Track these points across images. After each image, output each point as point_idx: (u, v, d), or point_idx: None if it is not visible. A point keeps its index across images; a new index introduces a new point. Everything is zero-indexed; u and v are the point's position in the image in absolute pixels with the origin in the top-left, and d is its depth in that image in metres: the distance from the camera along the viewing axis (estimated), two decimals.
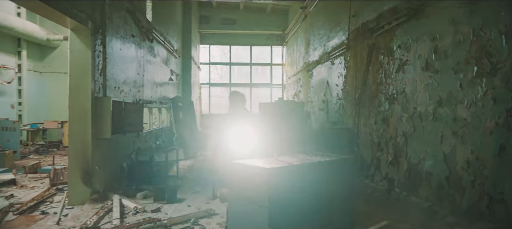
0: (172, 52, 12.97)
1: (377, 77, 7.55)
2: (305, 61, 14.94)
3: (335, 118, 10.54)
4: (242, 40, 20.86)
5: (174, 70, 13.62)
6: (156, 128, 10.98)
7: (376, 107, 7.57)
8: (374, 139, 7.61)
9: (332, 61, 10.96)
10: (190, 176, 8.04)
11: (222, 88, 21.82)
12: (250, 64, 21.35)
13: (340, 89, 10.15)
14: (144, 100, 9.06)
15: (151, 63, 9.99)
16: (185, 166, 9.40)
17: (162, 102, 11.45)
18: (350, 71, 9.36)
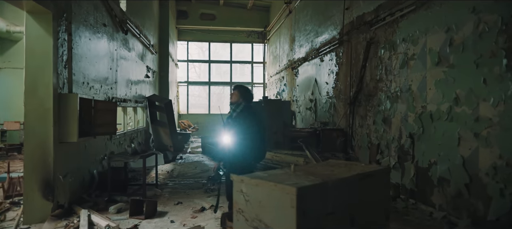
0: (148, 47, 12.00)
1: (376, 74, 6.98)
2: (290, 59, 14.32)
3: (325, 118, 9.96)
4: (222, 37, 20.02)
5: (150, 67, 12.63)
6: (131, 130, 10.01)
7: (375, 106, 7.01)
8: (373, 140, 7.04)
9: (321, 58, 10.37)
10: (171, 184, 7.18)
11: (200, 87, 20.91)
12: (230, 62, 20.55)
13: (331, 87, 9.56)
14: (117, 98, 8.10)
15: (126, 58, 9.03)
16: (164, 171, 8.51)
17: (137, 100, 10.48)
18: (343, 68, 8.78)
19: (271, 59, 19.15)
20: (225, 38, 20.11)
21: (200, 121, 19.63)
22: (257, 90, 20.87)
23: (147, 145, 12.01)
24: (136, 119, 10.97)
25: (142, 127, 11.41)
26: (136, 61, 10.35)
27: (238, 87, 4.39)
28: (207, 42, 20.24)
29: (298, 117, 12.90)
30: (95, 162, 6.53)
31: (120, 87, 8.50)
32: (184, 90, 20.22)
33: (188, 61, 20.28)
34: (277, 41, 17.35)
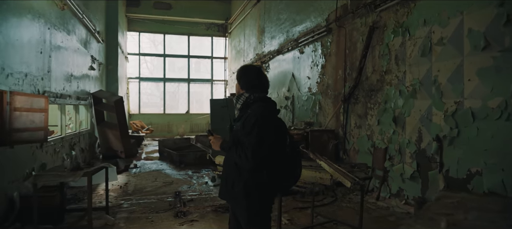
0: (93, 33, 9.94)
1: (381, 65, 5.85)
2: (258, 52, 12.97)
3: (306, 117, 8.74)
4: (178, 29, 18.14)
5: (96, 57, 10.56)
6: (72, 133, 8.00)
7: (380, 103, 5.88)
8: (378, 144, 5.91)
9: (301, 49, 9.14)
10: (127, 205, 5.46)
11: (154, 84, 18.82)
12: (187, 57, 18.72)
13: (315, 83, 8.36)
14: (52, 92, 6.17)
15: (64, 42, 7.06)
16: (116, 186, 6.70)
17: (80, 97, 8.47)
18: (332, 59, 7.60)
19: (233, 54, 17.67)
20: (182, 30, 18.25)
21: (155, 122, 17.60)
22: (217, 88, 19.28)
23: (92, 152, 9.98)
24: (78, 120, 8.93)
25: (85, 130, 9.38)
26: (78, 48, 8.34)
27: (237, 71, 2.68)
28: (162, 34, 18.23)
29: None
30: (16, 181, 4.64)
31: (56, 78, 6.55)
32: (135, 87, 18.03)
33: (140, 54, 18.11)
34: (241, 34, 15.92)
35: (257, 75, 2.55)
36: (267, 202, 2.45)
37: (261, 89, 2.53)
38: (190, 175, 7.82)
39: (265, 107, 2.41)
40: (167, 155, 9.81)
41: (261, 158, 2.28)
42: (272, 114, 2.46)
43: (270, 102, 2.50)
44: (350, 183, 3.08)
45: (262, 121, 2.30)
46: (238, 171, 2.39)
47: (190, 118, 18.18)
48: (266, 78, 2.60)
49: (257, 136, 2.27)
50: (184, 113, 18.56)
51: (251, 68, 2.62)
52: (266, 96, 2.53)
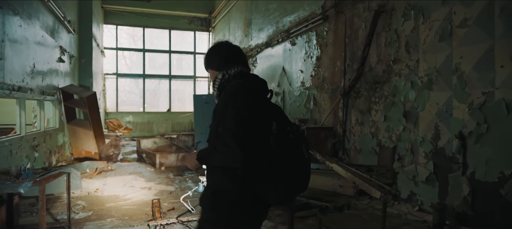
0: (62, 21, 8.94)
1: (388, 53, 5.21)
2: (245, 46, 12.21)
3: (299, 113, 8.05)
4: (159, 22, 17.14)
5: (66, 49, 9.54)
6: (35, 131, 7.03)
7: (387, 96, 5.24)
8: (384, 142, 5.26)
9: (293, 41, 8.44)
10: (96, 217, 4.60)
11: (132, 81, 17.77)
12: (169, 52, 17.75)
13: (309, 76, 7.67)
14: (5, 84, 5.23)
15: (24, 27, 6.11)
16: (85, 193, 5.81)
17: (45, 92, 7.49)
18: (328, 50, 6.93)
19: None
20: (163, 23, 17.26)
21: (133, 121, 16.56)
22: (201, 85, 18.40)
23: (63, 153, 8.98)
24: (45, 118, 7.94)
25: (53, 128, 8.38)
26: (43, 36, 7.36)
27: (205, 55, 1.99)
28: (141, 27, 17.18)
29: None
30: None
31: (13, 68, 5.60)
32: (113, 83, 16.93)
33: (118, 49, 17.01)
34: (225, 28, 15.12)
35: (229, 47, 1.91)
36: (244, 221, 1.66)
37: (238, 63, 1.86)
38: (171, 179, 6.99)
39: (243, 84, 1.72)
40: (146, 157, 8.92)
41: (249, 143, 1.55)
42: (254, 92, 1.72)
43: (252, 78, 1.82)
44: (379, 193, 2.37)
45: (238, 98, 1.64)
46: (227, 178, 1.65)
47: (172, 117, 17.22)
48: (242, 50, 1.96)
49: (234, 116, 1.58)
50: (165, 112, 17.59)
51: (220, 43, 1.95)
52: (246, 71, 1.85)
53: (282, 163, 1.60)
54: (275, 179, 1.61)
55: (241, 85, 1.72)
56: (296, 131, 1.69)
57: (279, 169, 1.60)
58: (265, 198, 1.64)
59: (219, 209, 1.64)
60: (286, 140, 1.62)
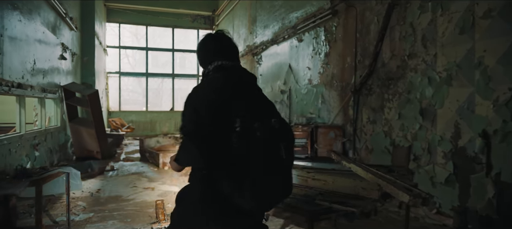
0: (64, 18, 8.75)
1: (403, 48, 4.97)
2: (249, 44, 11.99)
3: (306, 112, 7.82)
4: (162, 20, 16.94)
5: (68, 46, 9.36)
6: (36, 130, 6.85)
7: (402, 93, 5.00)
8: (399, 141, 5.02)
9: (300, 37, 8.21)
10: (97, 219, 4.39)
11: (135, 80, 17.63)
12: (172, 50, 17.55)
13: (317, 73, 7.44)
14: (4, 80, 5.03)
15: (23, 22, 5.92)
16: (86, 194, 5.61)
17: (46, 89, 7.30)
18: (338, 45, 6.70)
19: None
20: (166, 22, 17.05)
21: (136, 120, 16.38)
22: None
23: (64, 153, 8.80)
24: (46, 116, 7.76)
25: (55, 127, 8.20)
26: (43, 33, 7.17)
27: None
28: (144, 25, 16.98)
29: None
30: None
31: (12, 64, 5.41)
32: (115, 82, 16.75)
33: (121, 47, 16.83)
34: (229, 26, 14.90)
35: (212, 38, 1.78)
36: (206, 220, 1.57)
37: (218, 56, 1.72)
38: (175, 179, 6.79)
39: (207, 82, 1.66)
40: (150, 156, 8.72)
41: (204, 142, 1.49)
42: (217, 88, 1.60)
43: (230, 71, 1.67)
44: (407, 197, 2.15)
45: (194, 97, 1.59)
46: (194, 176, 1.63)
47: (175, 116, 17.02)
48: (228, 40, 1.78)
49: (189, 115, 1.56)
50: (169, 111, 17.40)
51: (203, 37, 1.83)
52: (226, 64, 1.69)
53: (245, 162, 1.48)
54: (238, 178, 1.48)
55: (204, 83, 1.66)
56: (270, 128, 1.52)
57: (241, 168, 1.47)
58: (231, 198, 1.50)
59: (185, 205, 1.62)
60: (251, 138, 1.48)
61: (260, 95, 1.67)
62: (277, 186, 1.52)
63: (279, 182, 1.52)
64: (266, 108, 1.63)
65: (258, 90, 1.69)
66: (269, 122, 1.53)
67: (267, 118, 1.54)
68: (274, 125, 1.53)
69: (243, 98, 1.57)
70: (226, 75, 1.64)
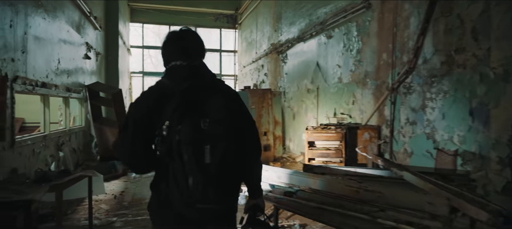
0: (88, 17, 8.71)
1: (450, 42, 4.52)
2: (274, 42, 11.67)
3: (336, 111, 7.42)
4: (184, 20, 16.84)
5: (92, 45, 9.33)
6: (60, 130, 6.78)
7: (448, 91, 4.55)
8: (443, 144, 4.57)
9: (329, 34, 7.82)
10: (120, 223, 4.19)
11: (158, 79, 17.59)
12: None
13: (348, 71, 7.03)
14: (28, 79, 4.92)
15: (47, 20, 5.83)
16: (109, 197, 5.45)
17: (70, 88, 7.24)
18: (371, 41, 6.28)
19: (244, 46, 16.39)
20: (188, 21, 16.95)
21: None
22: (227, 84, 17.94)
23: (88, 153, 8.76)
24: (70, 116, 7.71)
25: (79, 127, 8.15)
26: (68, 31, 7.10)
27: None
28: (167, 25, 16.94)
29: (288, 113, 10.29)
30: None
31: (36, 63, 5.30)
32: (139, 82, 16.82)
33: (144, 47, 16.88)
34: (252, 24, 14.63)
35: (170, 39, 1.76)
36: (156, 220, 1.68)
37: (177, 55, 1.70)
38: None
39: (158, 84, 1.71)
40: None
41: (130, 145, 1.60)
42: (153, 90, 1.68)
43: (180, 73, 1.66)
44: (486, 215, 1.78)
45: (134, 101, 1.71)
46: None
47: None
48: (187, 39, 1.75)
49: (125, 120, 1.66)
50: None
51: (166, 35, 1.80)
52: (182, 63, 1.67)
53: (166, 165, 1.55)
54: (164, 179, 1.58)
55: (151, 86, 1.71)
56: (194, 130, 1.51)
57: (165, 171, 1.56)
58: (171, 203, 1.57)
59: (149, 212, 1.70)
60: (172, 141, 1.51)
61: (208, 94, 1.62)
62: (199, 191, 1.49)
63: (200, 187, 1.49)
64: (205, 108, 1.57)
65: (211, 89, 1.65)
66: (196, 123, 1.52)
67: (196, 120, 1.53)
68: (202, 126, 1.52)
69: (178, 101, 1.55)
70: (172, 79, 1.65)
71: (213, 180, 1.52)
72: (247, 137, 1.71)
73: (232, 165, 1.59)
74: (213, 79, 1.71)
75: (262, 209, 1.76)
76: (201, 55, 1.76)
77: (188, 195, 1.50)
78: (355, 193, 2.06)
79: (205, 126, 1.52)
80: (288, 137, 10.25)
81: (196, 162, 1.49)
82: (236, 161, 1.62)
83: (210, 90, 1.64)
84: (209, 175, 1.51)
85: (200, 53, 1.75)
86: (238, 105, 1.73)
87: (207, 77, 1.69)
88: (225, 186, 1.59)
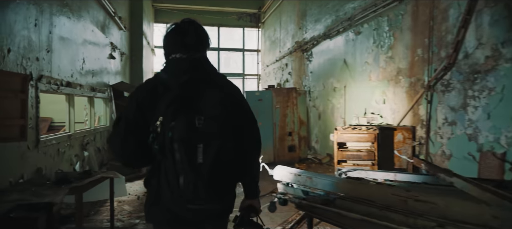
0: (113, 16, 8.74)
1: (495, 35, 4.13)
2: (298, 40, 11.38)
3: (365, 110, 7.07)
4: (208, 19, 16.79)
5: (116, 45, 9.37)
6: (85, 130, 6.79)
7: (493, 88, 4.16)
8: (488, 146, 4.18)
9: (357, 30, 7.47)
10: (142, 226, 4.06)
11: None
12: (217, 50, 17.40)
13: (378, 68, 6.68)
14: (52, 78, 4.90)
15: (72, 20, 5.82)
16: (132, 198, 5.36)
17: (95, 88, 7.25)
18: (405, 36, 5.91)
19: (267, 45, 16.17)
20: (212, 21, 16.91)
21: None
22: (249, 84, 17.81)
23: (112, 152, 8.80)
24: (95, 115, 7.74)
25: (104, 126, 8.18)
26: (93, 31, 7.12)
27: None
28: None
29: (313, 113, 9.99)
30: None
31: (61, 62, 5.29)
32: None
33: None
34: (276, 22, 14.38)
35: (171, 31, 1.71)
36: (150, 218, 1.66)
37: (178, 47, 1.66)
38: None
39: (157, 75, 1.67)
40: None
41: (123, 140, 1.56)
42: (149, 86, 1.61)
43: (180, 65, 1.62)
44: None
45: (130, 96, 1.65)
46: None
47: None
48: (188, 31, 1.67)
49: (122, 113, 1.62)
50: None
51: (168, 28, 1.75)
52: (182, 56, 1.64)
53: (158, 163, 1.53)
54: (156, 175, 1.55)
55: (149, 79, 1.68)
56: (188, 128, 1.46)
57: (157, 168, 1.54)
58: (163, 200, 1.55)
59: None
60: (163, 137, 1.46)
61: (205, 89, 1.56)
62: (190, 191, 1.44)
63: (191, 186, 1.44)
64: (200, 105, 1.51)
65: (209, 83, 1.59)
66: (191, 121, 1.45)
67: (191, 117, 1.46)
68: (196, 124, 1.46)
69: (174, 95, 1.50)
70: (171, 72, 1.60)
71: (205, 180, 1.45)
72: (245, 136, 1.63)
73: (227, 164, 1.52)
74: (213, 73, 1.65)
75: (257, 210, 1.69)
76: (203, 48, 1.69)
77: (179, 195, 1.46)
78: (403, 203, 1.79)
79: (200, 124, 1.47)
80: (313, 137, 9.95)
81: (188, 161, 1.43)
82: (233, 160, 1.55)
83: (208, 84, 1.58)
84: (201, 175, 1.45)
85: (201, 45, 1.68)
86: (237, 101, 1.64)
87: (207, 71, 1.63)
88: (218, 186, 1.51)
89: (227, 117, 1.54)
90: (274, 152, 8.40)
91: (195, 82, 1.54)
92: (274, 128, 8.44)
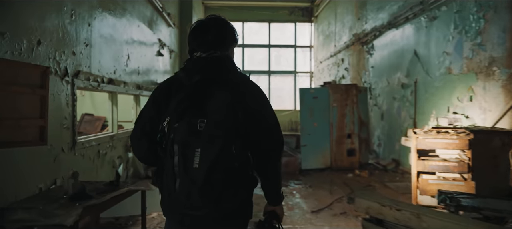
0: (161, 12, 8.44)
1: None
2: (357, 32, 10.33)
3: (441, 111, 5.95)
4: (258, 15, 16.25)
5: (165, 42, 9.09)
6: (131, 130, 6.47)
7: None
8: None
9: (432, 14, 6.34)
10: None
11: None
12: (268, 46, 16.75)
13: (461, 58, 5.54)
14: (92, 74, 4.54)
15: (114, 13, 5.48)
16: None
17: (142, 86, 6.94)
18: (498, 17, 4.75)
19: (320, 40, 15.19)
20: (262, 16, 16.31)
21: None
22: (301, 82, 16.92)
23: None
24: None
25: None
26: (138, 26, 6.80)
27: None
28: (241, 22, 16.51)
29: (374, 112, 8.92)
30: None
31: (102, 57, 4.94)
32: None
33: None
34: (331, 15, 13.38)
35: (193, 28, 1.63)
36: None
37: (198, 45, 1.59)
38: None
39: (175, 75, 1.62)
40: None
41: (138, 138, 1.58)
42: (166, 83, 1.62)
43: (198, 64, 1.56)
44: None
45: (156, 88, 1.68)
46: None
47: None
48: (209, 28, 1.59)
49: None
50: None
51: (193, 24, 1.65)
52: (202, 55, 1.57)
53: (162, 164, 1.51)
54: (160, 176, 1.53)
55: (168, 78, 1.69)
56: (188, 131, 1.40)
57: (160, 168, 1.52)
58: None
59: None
60: (167, 138, 1.45)
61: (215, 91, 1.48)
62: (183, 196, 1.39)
63: (185, 191, 1.38)
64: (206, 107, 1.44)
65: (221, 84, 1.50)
66: (193, 123, 1.41)
67: (194, 119, 1.42)
68: (198, 127, 1.41)
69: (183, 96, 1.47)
70: (187, 70, 1.56)
71: (198, 186, 1.38)
72: (262, 139, 1.52)
73: (229, 171, 1.42)
74: (230, 73, 1.58)
75: (279, 217, 1.66)
76: (224, 46, 1.61)
77: (175, 198, 1.44)
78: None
79: (201, 127, 1.42)
80: (374, 140, 8.89)
81: (184, 165, 1.39)
82: (238, 167, 1.45)
83: (218, 85, 1.50)
84: (194, 181, 1.37)
85: (223, 43, 1.60)
86: (253, 103, 1.52)
87: (221, 71, 1.55)
88: (216, 193, 1.40)
89: (235, 121, 1.45)
90: (331, 156, 7.52)
91: (206, 83, 1.49)
92: (330, 129, 7.57)
